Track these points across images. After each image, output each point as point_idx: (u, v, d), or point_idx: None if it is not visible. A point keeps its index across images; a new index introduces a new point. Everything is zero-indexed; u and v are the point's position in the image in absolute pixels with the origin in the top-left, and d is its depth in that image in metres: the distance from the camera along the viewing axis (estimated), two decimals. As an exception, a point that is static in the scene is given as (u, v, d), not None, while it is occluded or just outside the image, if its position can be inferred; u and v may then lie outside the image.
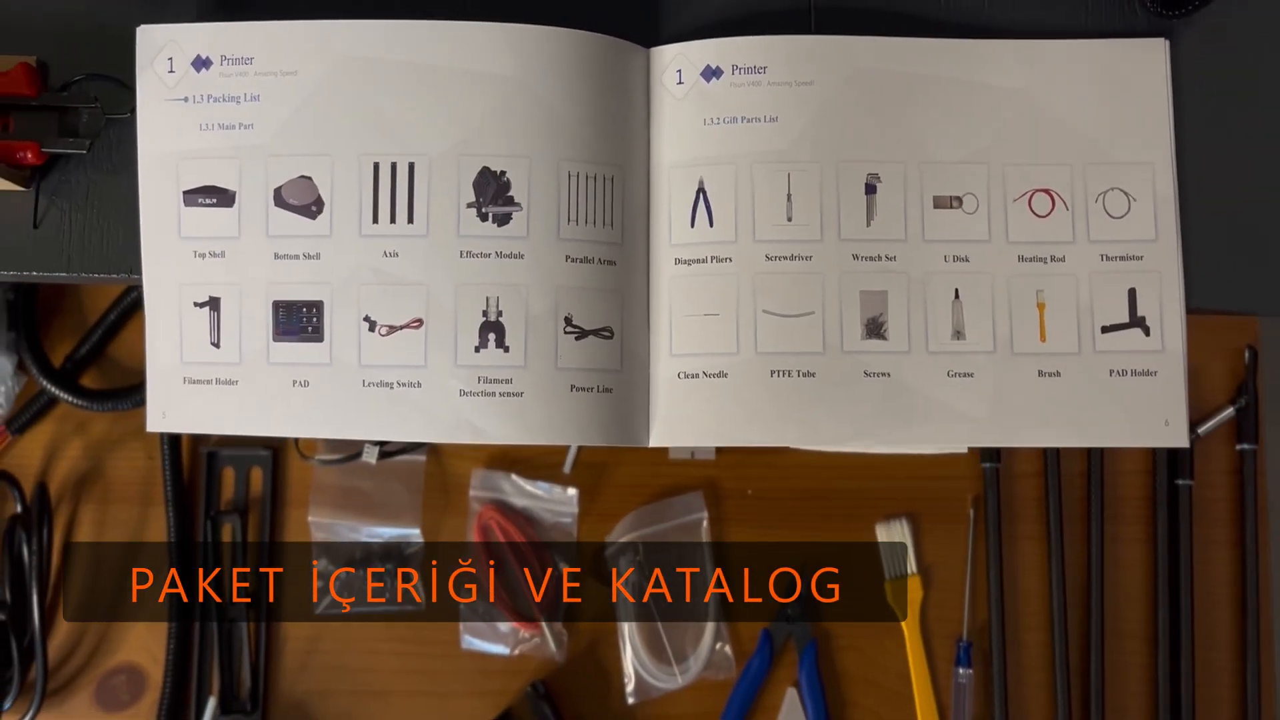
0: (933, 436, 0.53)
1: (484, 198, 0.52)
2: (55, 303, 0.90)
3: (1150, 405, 0.53)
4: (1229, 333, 0.88)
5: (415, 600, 0.87)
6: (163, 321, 0.55)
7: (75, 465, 0.89)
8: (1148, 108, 0.55)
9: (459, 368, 0.52)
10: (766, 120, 0.53)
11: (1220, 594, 0.86)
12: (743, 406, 0.53)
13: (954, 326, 0.53)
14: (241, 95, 0.54)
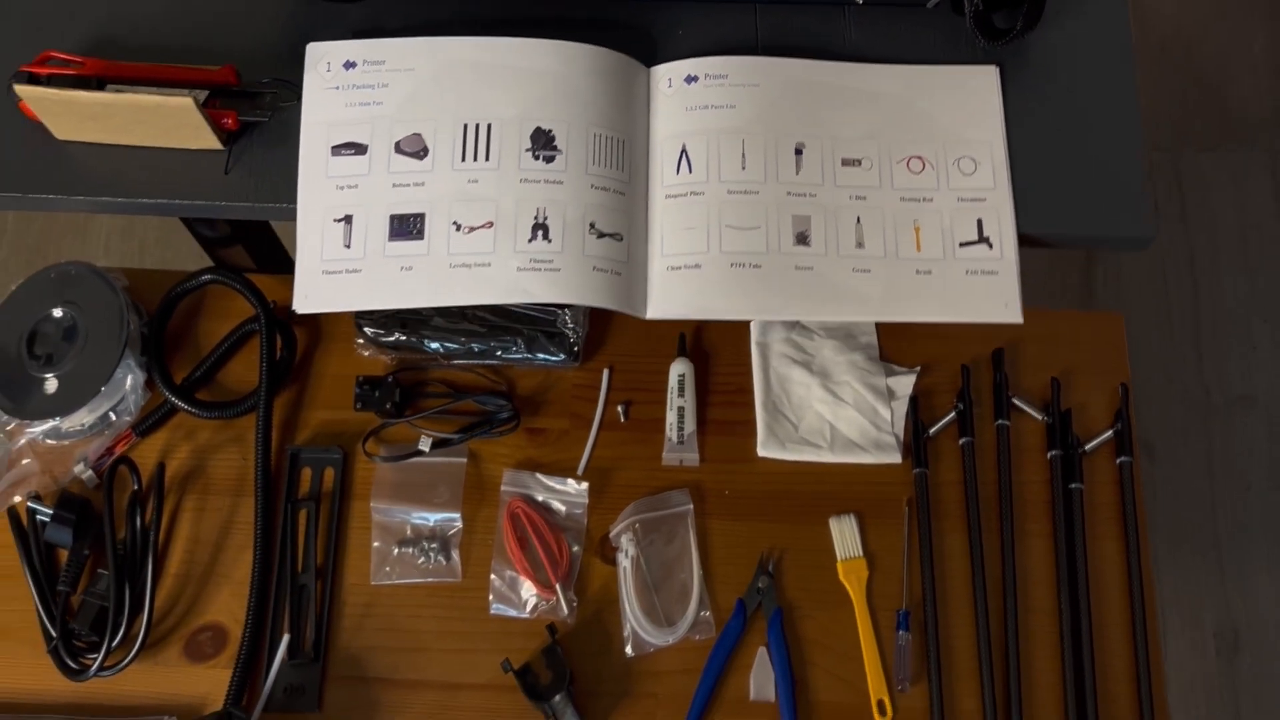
0: (842, 312, 0.77)
1: (537, 145, 0.78)
2: (177, 337, 1.14)
3: (994, 294, 0.77)
4: (1108, 375, 1.11)
5: (454, 573, 1.06)
6: (310, 233, 0.79)
7: (183, 464, 1.10)
8: (987, 107, 0.81)
9: (517, 253, 0.76)
10: (727, 108, 0.80)
11: (1109, 575, 1.05)
12: (711, 288, 0.76)
13: (856, 240, 0.77)
14: (375, 84, 0.80)
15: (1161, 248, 1.84)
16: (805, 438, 1.09)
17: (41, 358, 1.07)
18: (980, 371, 1.11)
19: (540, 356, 1.10)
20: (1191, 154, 1.91)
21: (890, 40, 0.90)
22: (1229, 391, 1.76)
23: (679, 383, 1.10)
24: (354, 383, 1.11)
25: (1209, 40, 2.01)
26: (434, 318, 1.10)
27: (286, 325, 1.13)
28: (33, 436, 1.09)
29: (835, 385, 1.09)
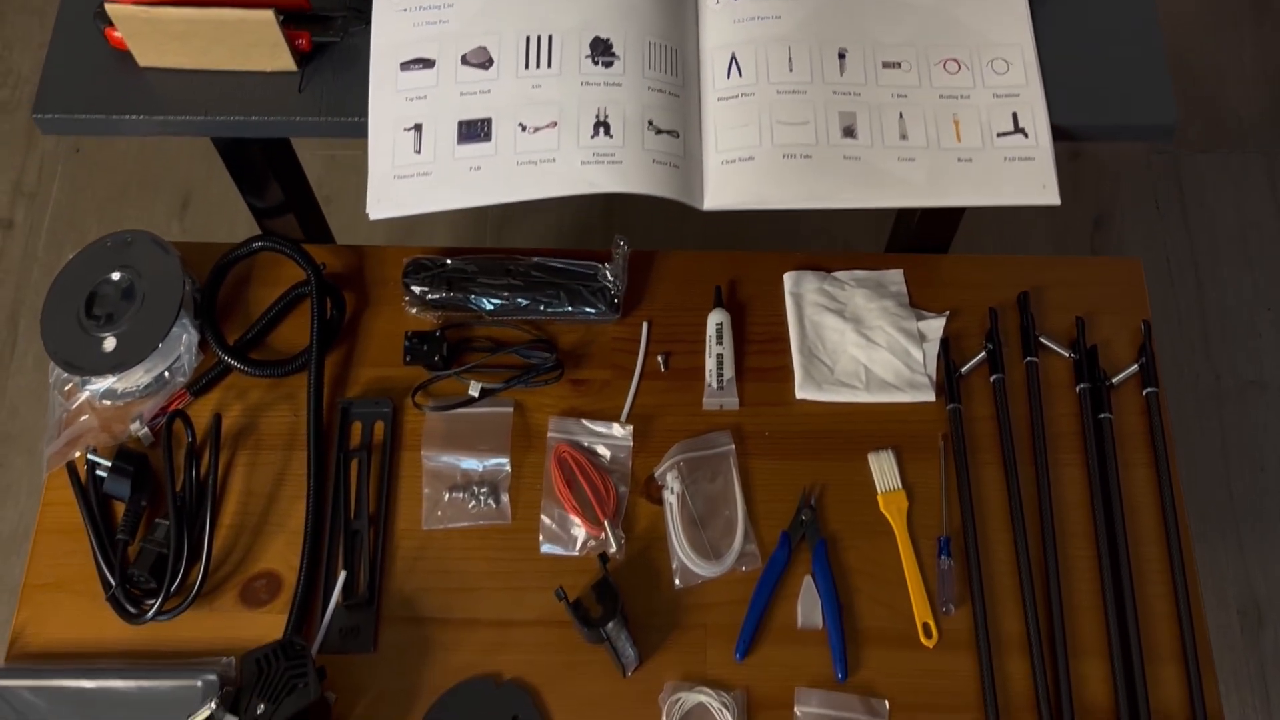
0: (891, 197, 0.81)
1: (596, 52, 0.84)
2: (229, 303, 1.18)
3: (1032, 178, 0.81)
4: (1129, 315, 1.15)
5: (504, 516, 1.08)
6: (381, 142, 0.84)
7: (235, 422, 1.13)
8: (1015, 14, 0.88)
9: (580, 148, 0.80)
10: (772, 18, 0.85)
11: (1142, 499, 1.08)
12: (765, 178, 0.81)
13: (900, 132, 0.82)
14: (441, 5, 0.86)
15: (1165, 245, 1.90)
16: (841, 379, 1.12)
17: (100, 318, 1.11)
18: (1006, 316, 1.15)
19: (583, 310, 1.14)
20: (1190, 156, 1.98)
21: None
22: (1239, 377, 1.80)
23: (717, 331, 1.14)
24: (402, 340, 1.14)
25: (1201, 51, 2.09)
26: (479, 275, 1.15)
27: (335, 288, 1.17)
28: (90, 396, 1.12)
29: (868, 330, 1.13)
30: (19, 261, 1.95)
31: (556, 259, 1.15)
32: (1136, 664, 1.01)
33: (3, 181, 2.01)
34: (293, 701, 0.94)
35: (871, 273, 1.17)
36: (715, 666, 1.03)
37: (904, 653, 1.03)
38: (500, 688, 1.02)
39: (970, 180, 0.84)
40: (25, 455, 1.81)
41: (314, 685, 0.95)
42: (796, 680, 1.02)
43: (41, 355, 1.85)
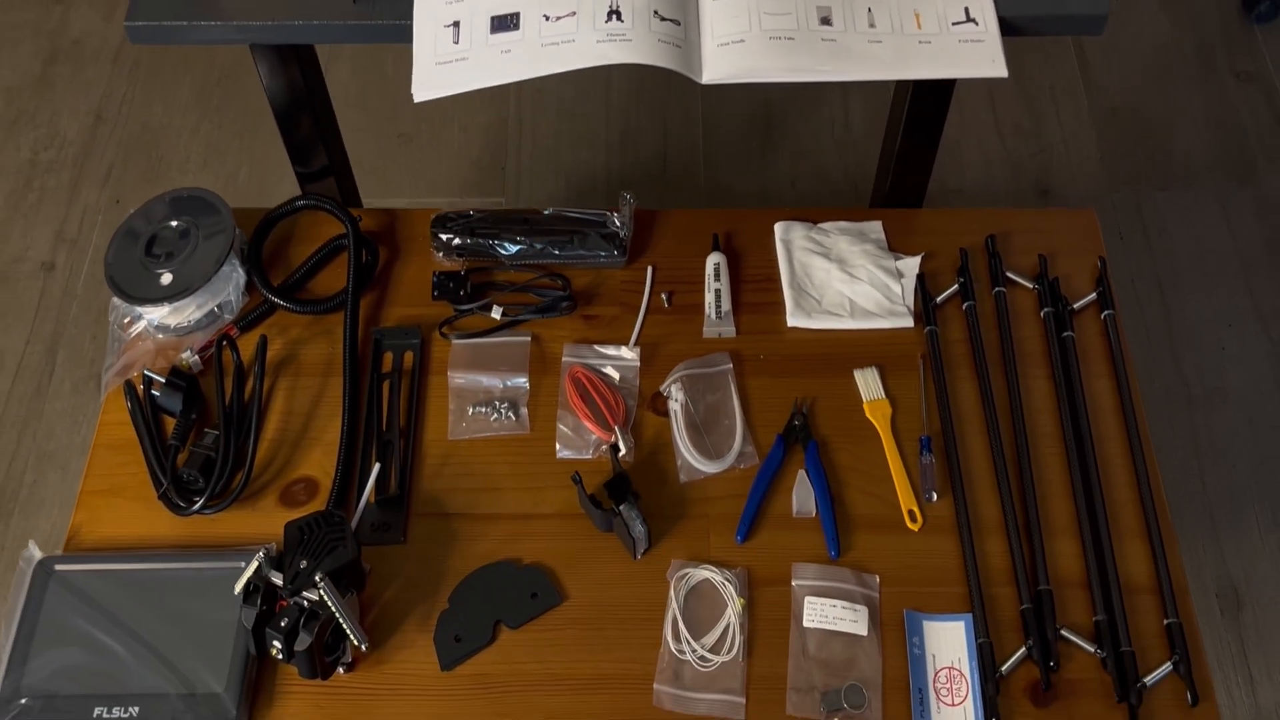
0: (862, 70, 0.95)
1: None
2: (272, 257, 1.30)
3: (982, 55, 0.96)
4: (1086, 256, 1.28)
5: (523, 426, 1.19)
6: (424, 37, 0.98)
7: (278, 354, 1.24)
8: None
9: (596, 30, 0.95)
10: None
11: (1104, 404, 1.19)
12: (754, 55, 0.95)
13: (869, 21, 0.96)
14: None
15: (1131, 271, 2.04)
16: (828, 309, 1.24)
17: (160, 255, 1.23)
18: (975, 257, 1.28)
19: (595, 254, 1.27)
20: (1150, 192, 2.14)
21: None
22: (1206, 386, 1.92)
23: (715, 269, 1.27)
24: (429, 286, 1.26)
25: (1155, 102, 2.28)
26: (500, 224, 1.28)
27: (370, 240, 1.30)
28: (146, 328, 1.24)
29: (851, 268, 1.26)
30: (59, 299, 2.08)
31: (570, 210, 1.28)
32: (1105, 539, 1.10)
33: (47, 230, 2.16)
34: (332, 559, 1.03)
35: (853, 223, 1.30)
36: (718, 550, 1.11)
37: (891, 535, 1.12)
38: (521, 569, 1.11)
39: (930, 57, 0.99)
40: (59, 472, 1.90)
41: (352, 546, 1.04)
42: (793, 559, 1.10)
43: (78, 380, 1.99)
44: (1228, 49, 2.36)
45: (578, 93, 2.33)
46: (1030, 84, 2.31)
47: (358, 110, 2.28)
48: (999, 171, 2.18)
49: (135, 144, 2.28)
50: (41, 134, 2.30)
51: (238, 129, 2.30)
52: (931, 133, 1.36)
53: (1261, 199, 2.14)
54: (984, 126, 2.25)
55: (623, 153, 2.25)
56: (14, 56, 2.41)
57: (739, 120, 2.27)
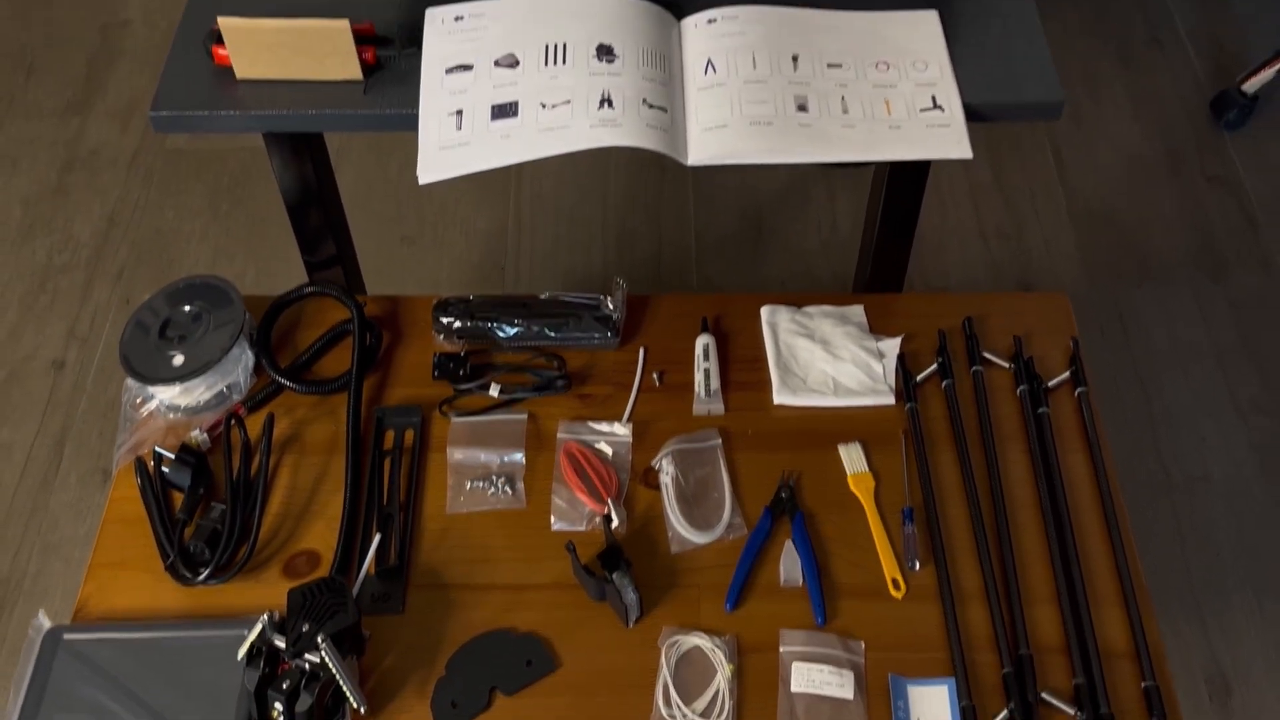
0: (837, 153, 1.02)
1: (601, 54, 1.07)
2: (279, 340, 1.36)
3: (948, 139, 1.03)
4: (1059, 336, 1.33)
5: (519, 501, 1.23)
6: (429, 125, 1.06)
7: (284, 432, 1.29)
8: (932, 34, 1.12)
9: (589, 116, 1.02)
10: (739, 35, 1.09)
11: (1079, 476, 1.23)
12: (736, 139, 1.02)
13: (843, 108, 1.03)
14: (478, 28, 1.10)
15: (1111, 364, 2.09)
16: (813, 388, 1.30)
17: (173, 339, 1.28)
18: (953, 338, 1.34)
19: (589, 335, 1.32)
20: (1127, 289, 2.21)
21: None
22: (1188, 473, 1.96)
23: (704, 350, 1.32)
24: (429, 368, 1.32)
25: (1129, 204, 2.37)
26: (498, 309, 1.33)
27: (373, 324, 1.36)
28: (157, 408, 1.29)
29: (834, 349, 1.32)
30: (68, 394, 2.13)
31: (565, 294, 1.34)
32: (1083, 607, 1.13)
33: (59, 328, 2.22)
34: (334, 623, 1.06)
35: (836, 307, 1.36)
36: (708, 617, 1.15)
37: (876, 603, 1.16)
38: (516, 638, 1.14)
39: (900, 140, 1.07)
40: (63, 563, 1.93)
41: (353, 610, 1.07)
42: (781, 626, 1.14)
43: (84, 473, 2.03)
44: (1198, 154, 2.45)
45: (576, 197, 2.42)
46: (1010, 187, 2.40)
47: (363, 212, 2.36)
48: (981, 271, 2.25)
49: (146, 246, 2.36)
50: (57, 239, 2.38)
51: (245, 233, 2.38)
52: (908, 221, 1.44)
53: (1233, 295, 2.21)
54: (966, 228, 2.33)
55: (619, 254, 2.32)
56: (33, 167, 2.50)
57: (730, 222, 2.36)
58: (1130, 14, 2.75)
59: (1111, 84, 2.58)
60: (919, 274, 2.22)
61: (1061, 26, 2.70)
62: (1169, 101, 2.56)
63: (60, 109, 2.61)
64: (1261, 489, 1.95)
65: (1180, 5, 2.76)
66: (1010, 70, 1.20)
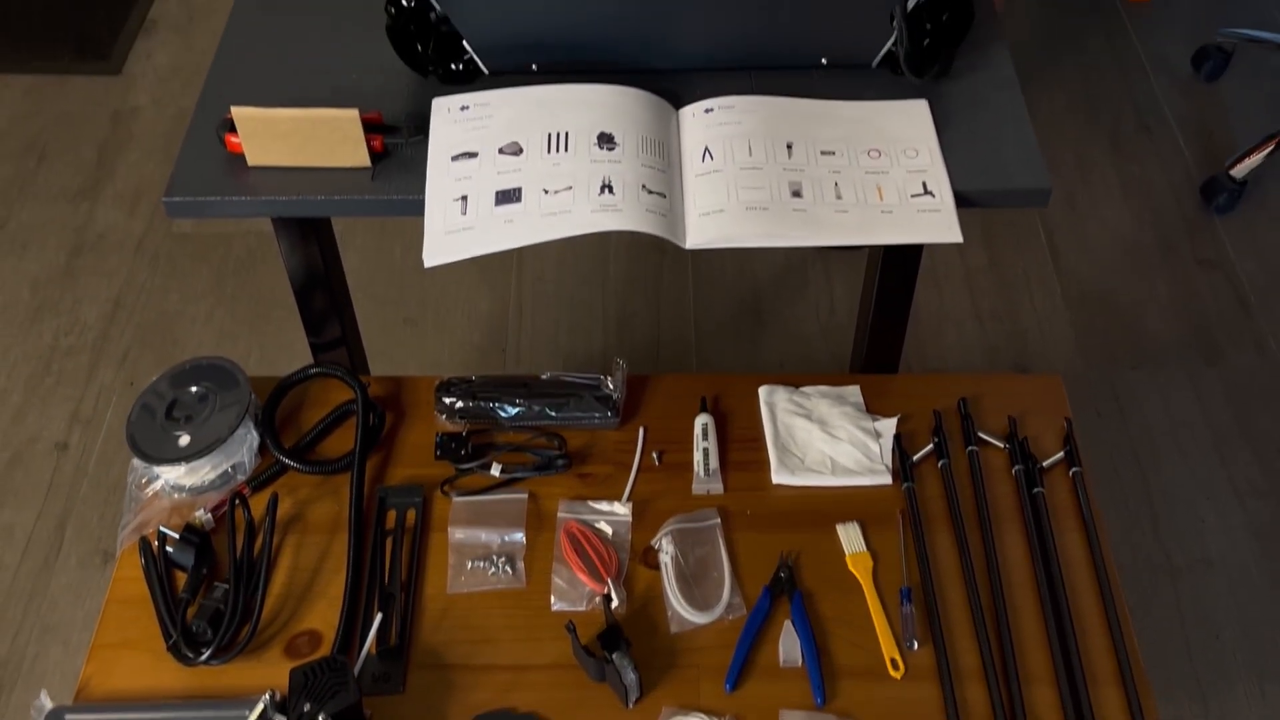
0: (831, 236, 1.04)
1: (602, 142, 1.10)
2: (285, 418, 1.37)
3: (938, 224, 1.06)
4: (1052, 417, 1.35)
5: (519, 581, 1.24)
6: (435, 210, 1.09)
7: (287, 512, 1.30)
8: (922, 122, 1.15)
9: (590, 201, 1.05)
10: (735, 124, 1.13)
11: (1075, 556, 1.24)
12: (733, 224, 1.05)
13: (836, 194, 1.06)
14: (483, 117, 1.13)
15: (1109, 445, 2.11)
16: (811, 467, 1.31)
17: (179, 419, 1.30)
18: (949, 419, 1.35)
19: (589, 415, 1.34)
20: (1123, 371, 2.23)
21: (848, 88, 1.27)
22: (1189, 556, 1.96)
23: (703, 429, 1.34)
24: (432, 449, 1.33)
25: (1123, 287, 2.40)
26: (500, 389, 1.35)
27: (377, 405, 1.38)
28: (162, 488, 1.30)
29: (832, 429, 1.33)
30: (70, 477, 2.14)
31: (566, 374, 1.36)
32: (1081, 688, 1.14)
33: (63, 410, 2.24)
34: (335, 703, 1.06)
35: (833, 387, 1.38)
36: (708, 698, 1.15)
37: (875, 683, 1.16)
38: (517, 718, 1.14)
39: (891, 225, 1.10)
40: (62, 646, 1.92)
41: (354, 690, 1.08)
42: (780, 706, 1.14)
43: (84, 555, 2.04)
44: (1189, 237, 2.49)
45: (576, 280, 2.45)
46: (1005, 270, 2.44)
47: (366, 296, 2.39)
48: (977, 352, 2.28)
49: (152, 329, 2.39)
50: (64, 321, 2.40)
51: (249, 316, 2.41)
52: (902, 304, 1.46)
53: (1228, 378, 2.23)
54: (962, 310, 2.36)
55: (619, 337, 2.35)
56: (42, 250, 2.54)
57: (729, 304, 2.38)
58: (1119, 99, 2.81)
59: (1102, 168, 2.63)
60: (915, 355, 2.25)
61: (1051, 110, 2.76)
62: (1159, 186, 2.60)
63: (70, 194, 2.66)
64: (1260, 572, 1.96)
65: (1167, 92, 2.82)
66: (999, 158, 1.24)
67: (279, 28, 1.42)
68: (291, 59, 1.37)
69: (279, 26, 1.42)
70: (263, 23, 1.43)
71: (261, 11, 1.44)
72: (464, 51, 1.27)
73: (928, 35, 1.26)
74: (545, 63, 1.28)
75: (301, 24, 1.42)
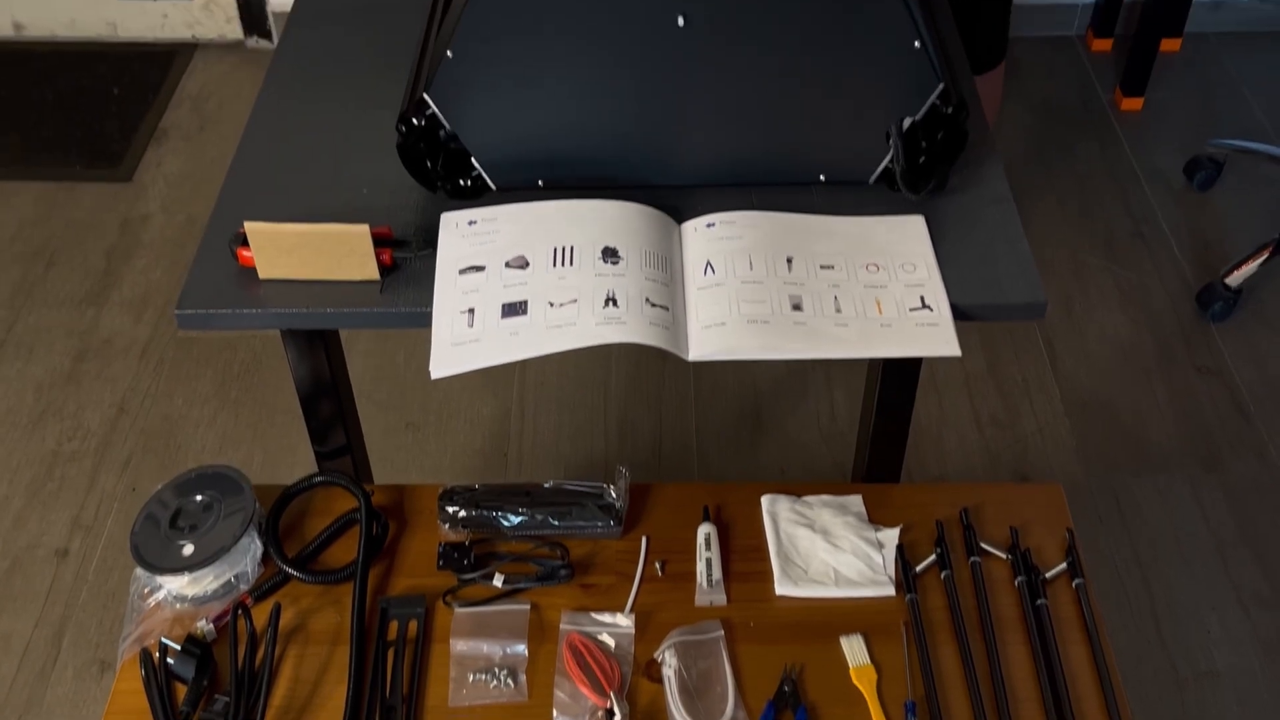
0: (831, 350, 1.06)
1: (606, 256, 1.13)
2: (289, 526, 1.38)
3: (937, 338, 1.07)
4: (1054, 527, 1.35)
5: (521, 694, 1.23)
6: (442, 322, 1.10)
7: (289, 622, 1.30)
8: (919, 238, 1.17)
9: (595, 314, 1.07)
10: (737, 239, 1.15)
11: (1080, 670, 1.23)
12: (734, 336, 1.06)
13: (836, 307, 1.08)
14: (490, 232, 1.16)
15: (1112, 555, 2.10)
16: (814, 578, 1.31)
17: (183, 528, 1.31)
18: (951, 528, 1.36)
19: (592, 524, 1.34)
20: (1123, 480, 2.23)
21: (846, 203, 1.30)
22: (1196, 668, 1.94)
23: (705, 539, 1.34)
24: (434, 558, 1.34)
25: (1122, 394, 2.41)
26: (503, 497, 1.36)
27: (380, 514, 1.38)
28: (165, 598, 1.30)
29: (834, 539, 1.33)
30: (70, 584, 2.13)
31: (569, 483, 1.37)
32: (1090, 804, 1.12)
33: (64, 516, 2.24)
34: (334, 820, 1.05)
35: (835, 497, 1.39)
36: (712, 814, 1.14)
37: (881, 799, 1.15)
38: (517, 835, 1.13)
39: (890, 338, 1.12)
40: (54, 757, 1.90)
41: (353, 807, 1.06)
42: (785, 823, 1.12)
43: (81, 665, 2.03)
44: (1186, 345, 2.52)
45: (578, 386, 2.47)
46: (1004, 377, 2.45)
47: (369, 400, 2.41)
48: (978, 459, 2.29)
49: (155, 434, 2.40)
50: (67, 426, 2.42)
51: (253, 419, 2.42)
52: (902, 413, 1.47)
53: (1229, 486, 2.24)
54: (962, 416, 2.37)
55: (620, 442, 2.36)
56: (47, 356, 2.56)
57: (730, 411, 2.40)
58: (1113, 207, 2.86)
59: (1099, 274, 2.67)
60: (917, 462, 2.26)
61: (1047, 217, 2.81)
62: (1156, 293, 2.64)
63: (77, 299, 2.69)
64: (1268, 684, 1.94)
65: (1161, 200, 2.87)
66: (994, 272, 1.26)
67: (292, 143, 1.46)
68: (304, 174, 1.41)
69: (292, 142, 1.46)
70: (276, 138, 1.47)
71: (275, 127, 1.48)
72: (472, 168, 1.31)
73: (923, 153, 1.30)
74: (551, 179, 1.31)
75: (314, 140, 1.46)
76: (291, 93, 1.55)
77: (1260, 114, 3.11)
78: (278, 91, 1.55)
